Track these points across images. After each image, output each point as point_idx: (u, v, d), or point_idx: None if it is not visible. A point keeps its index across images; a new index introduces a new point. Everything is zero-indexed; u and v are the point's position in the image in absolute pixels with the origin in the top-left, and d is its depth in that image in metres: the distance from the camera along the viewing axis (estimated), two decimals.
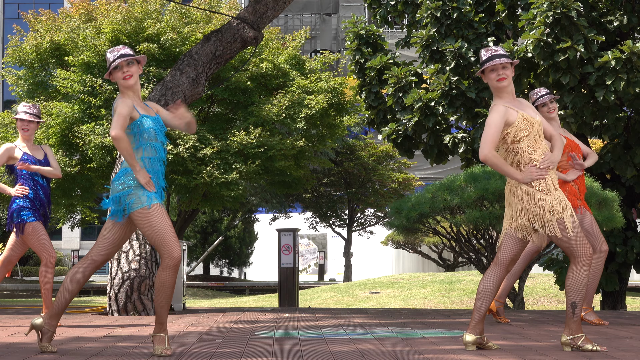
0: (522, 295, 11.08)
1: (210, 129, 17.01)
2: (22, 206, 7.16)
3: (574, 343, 5.00)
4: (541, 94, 7.20)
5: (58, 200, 18.18)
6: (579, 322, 5.01)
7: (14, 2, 44.52)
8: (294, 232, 12.89)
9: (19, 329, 6.96)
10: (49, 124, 16.98)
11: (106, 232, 5.09)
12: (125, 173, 5.03)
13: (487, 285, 5.10)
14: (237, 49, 9.45)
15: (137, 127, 5.06)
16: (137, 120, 5.06)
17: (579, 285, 4.97)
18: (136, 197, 4.96)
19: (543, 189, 5.01)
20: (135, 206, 4.96)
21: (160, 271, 4.98)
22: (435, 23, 12.26)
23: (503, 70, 5.13)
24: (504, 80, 5.12)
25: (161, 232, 4.94)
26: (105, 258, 5.11)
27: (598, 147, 16.08)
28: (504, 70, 5.13)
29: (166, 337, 5.05)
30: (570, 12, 10.65)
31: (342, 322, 7.54)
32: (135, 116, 5.05)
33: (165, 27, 17.06)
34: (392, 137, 13.24)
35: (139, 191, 4.97)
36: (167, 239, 4.95)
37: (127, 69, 5.11)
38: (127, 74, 5.10)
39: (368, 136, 28.47)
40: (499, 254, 5.16)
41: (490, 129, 5.04)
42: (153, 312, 8.62)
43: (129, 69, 5.11)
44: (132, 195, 4.97)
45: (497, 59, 5.12)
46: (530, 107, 5.21)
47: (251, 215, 32.71)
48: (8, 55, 18.17)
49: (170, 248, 4.93)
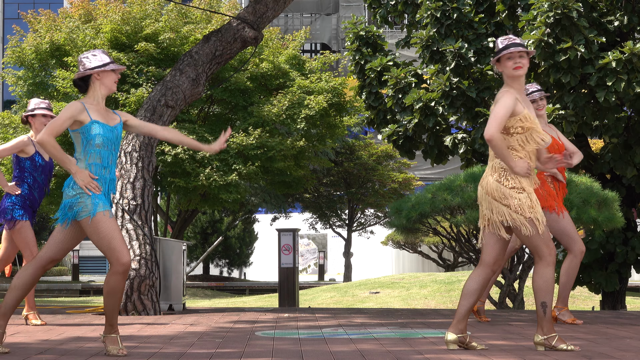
0: (522, 295, 11.08)
1: (210, 129, 16.99)
2: (14, 203, 7.16)
3: (548, 343, 5.00)
4: (532, 90, 7.18)
5: (58, 200, 18.18)
6: (550, 321, 5.02)
7: (14, 2, 44.51)
8: (294, 232, 12.88)
9: (19, 328, 6.96)
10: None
11: (57, 233, 5.06)
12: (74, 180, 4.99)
13: (472, 285, 5.09)
14: (237, 49, 9.45)
15: (84, 133, 4.99)
16: (86, 124, 4.98)
17: (547, 284, 4.99)
18: (83, 204, 4.92)
19: (514, 187, 5.00)
20: (82, 214, 4.92)
21: (109, 277, 4.95)
22: (435, 23, 12.26)
23: (520, 59, 5.09)
24: (520, 70, 5.08)
25: (107, 239, 4.92)
26: (54, 258, 5.07)
27: (598, 147, 16.07)
28: (521, 59, 5.09)
29: (118, 337, 5.02)
30: (570, 12, 10.65)
31: (342, 322, 7.54)
32: (85, 120, 4.97)
33: (164, 26, 17.05)
34: (392, 138, 13.24)
35: (85, 198, 4.93)
36: (114, 245, 4.92)
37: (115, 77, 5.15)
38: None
39: (368, 136, 28.47)
40: (482, 255, 5.16)
41: (501, 109, 4.97)
42: (153, 312, 8.62)
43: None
44: (80, 203, 4.93)
45: (514, 47, 5.08)
46: (531, 106, 5.20)
47: (251, 215, 32.70)
48: (8, 56, 18.17)
49: (118, 254, 4.91)
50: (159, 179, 17.26)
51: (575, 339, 5.84)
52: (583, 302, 16.29)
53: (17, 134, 17.56)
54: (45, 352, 5.11)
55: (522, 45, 5.11)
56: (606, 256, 12.65)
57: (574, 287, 11.28)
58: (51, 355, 4.98)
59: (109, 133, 5.03)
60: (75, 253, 32.04)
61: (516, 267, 11.20)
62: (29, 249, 7.23)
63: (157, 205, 21.49)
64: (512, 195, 4.98)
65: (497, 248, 5.11)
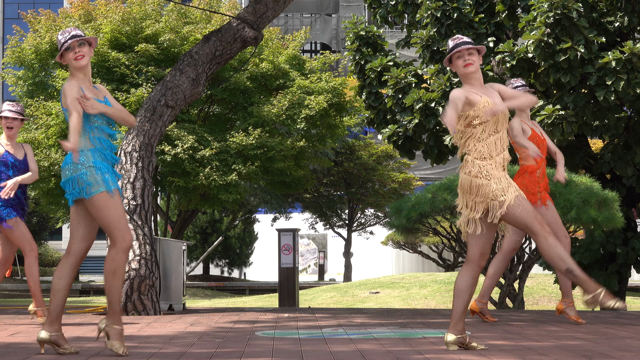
0: (522, 295, 11.07)
1: (210, 129, 16.99)
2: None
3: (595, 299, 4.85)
4: (516, 85, 7.27)
5: (58, 200, 18.17)
6: (588, 279, 4.87)
7: (14, 2, 44.50)
8: (294, 232, 12.89)
9: (19, 328, 6.96)
10: (49, 124, 16.97)
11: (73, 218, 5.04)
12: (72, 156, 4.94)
13: (461, 284, 5.06)
14: (237, 49, 9.45)
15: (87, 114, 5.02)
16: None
17: (557, 252, 4.89)
18: (93, 180, 4.91)
19: (482, 175, 5.01)
20: (93, 190, 4.91)
21: (114, 255, 4.90)
22: (436, 23, 12.26)
23: (469, 56, 5.15)
24: (471, 66, 5.14)
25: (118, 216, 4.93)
26: (87, 246, 5.06)
27: (598, 147, 16.07)
28: (470, 56, 5.16)
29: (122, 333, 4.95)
30: (570, 12, 10.65)
31: (342, 322, 7.54)
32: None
33: (164, 27, 17.05)
34: (392, 138, 13.24)
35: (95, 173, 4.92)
36: (123, 222, 4.95)
37: (78, 50, 5.04)
38: (79, 54, 5.03)
39: (368, 136, 28.47)
40: (467, 252, 5.14)
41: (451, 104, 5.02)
42: (153, 312, 8.62)
43: (80, 50, 5.04)
44: (90, 177, 4.91)
45: (462, 45, 5.16)
46: (497, 96, 5.19)
47: (251, 215, 32.70)
48: (8, 56, 18.17)
49: (124, 232, 4.92)
50: (159, 179, 17.26)
51: (575, 338, 5.85)
52: None
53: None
54: (45, 352, 5.11)
55: (470, 43, 5.19)
56: (606, 256, 12.65)
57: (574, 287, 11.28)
58: (51, 355, 4.98)
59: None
60: None
61: (516, 267, 11.20)
62: (28, 244, 7.32)
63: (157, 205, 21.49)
64: (481, 184, 4.99)
65: (481, 243, 5.09)
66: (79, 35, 5.04)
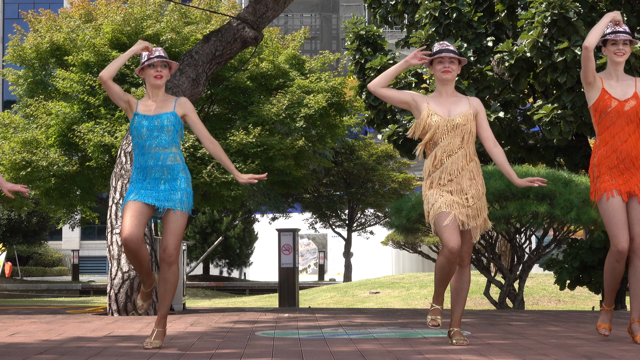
0: (522, 296, 11.08)
1: (210, 128, 17.01)
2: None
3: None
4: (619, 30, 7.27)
5: (58, 201, 18.18)
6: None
7: (14, 2, 44.50)
8: (294, 232, 12.89)
9: (19, 328, 6.96)
10: (49, 123, 16.98)
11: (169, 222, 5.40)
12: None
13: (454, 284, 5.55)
14: (237, 49, 9.45)
15: (132, 124, 5.39)
16: (132, 118, 5.38)
17: (441, 272, 5.29)
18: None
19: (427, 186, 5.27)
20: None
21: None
22: (434, 23, 12.25)
23: (450, 64, 5.28)
24: (448, 74, 5.28)
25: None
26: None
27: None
28: (451, 65, 5.29)
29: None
30: (567, 12, 10.65)
31: (342, 322, 7.54)
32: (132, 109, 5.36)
33: (165, 27, 17.07)
34: (392, 138, 13.24)
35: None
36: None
37: (160, 69, 5.36)
38: (159, 74, 5.35)
39: (368, 136, 28.47)
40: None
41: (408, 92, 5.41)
42: (153, 312, 8.62)
43: (162, 70, 5.37)
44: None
45: (446, 52, 5.28)
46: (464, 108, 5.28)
47: (251, 215, 32.69)
48: (8, 55, 18.18)
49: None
50: None
51: (575, 338, 5.85)
52: (583, 302, 16.29)
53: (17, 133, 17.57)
54: (45, 352, 5.11)
55: (454, 52, 5.31)
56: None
57: (574, 288, 11.27)
58: (51, 355, 4.98)
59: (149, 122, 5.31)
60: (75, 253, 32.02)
61: (516, 267, 11.20)
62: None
63: None
64: (426, 194, 5.26)
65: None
66: (163, 57, 5.36)
